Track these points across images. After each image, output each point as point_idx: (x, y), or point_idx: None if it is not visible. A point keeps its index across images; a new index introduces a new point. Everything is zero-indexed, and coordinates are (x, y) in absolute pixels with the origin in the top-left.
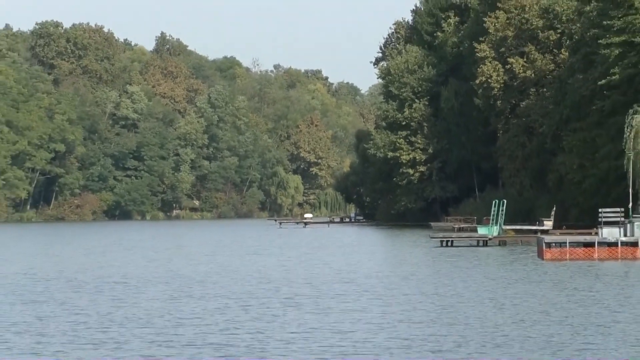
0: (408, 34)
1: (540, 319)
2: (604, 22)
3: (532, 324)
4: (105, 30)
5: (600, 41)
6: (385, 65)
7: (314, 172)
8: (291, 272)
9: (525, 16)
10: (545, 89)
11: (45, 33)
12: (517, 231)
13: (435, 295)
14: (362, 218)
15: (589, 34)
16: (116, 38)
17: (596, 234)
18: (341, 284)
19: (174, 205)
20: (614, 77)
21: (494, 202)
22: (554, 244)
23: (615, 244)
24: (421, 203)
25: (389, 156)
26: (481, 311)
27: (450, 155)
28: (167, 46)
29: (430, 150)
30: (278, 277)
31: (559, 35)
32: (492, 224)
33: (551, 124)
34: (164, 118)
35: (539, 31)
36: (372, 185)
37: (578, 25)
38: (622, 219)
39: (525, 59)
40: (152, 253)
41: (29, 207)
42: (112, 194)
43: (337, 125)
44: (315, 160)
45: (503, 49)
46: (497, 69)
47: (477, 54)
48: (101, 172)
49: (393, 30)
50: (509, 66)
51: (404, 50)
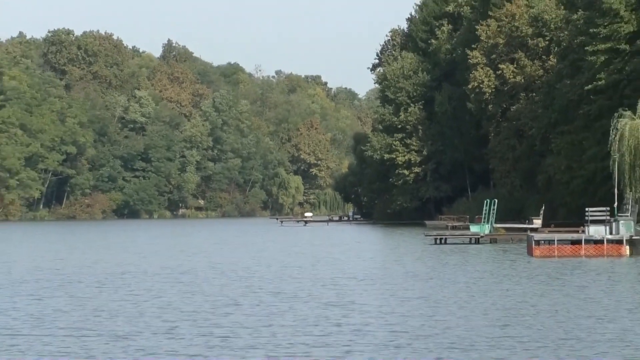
0: (403, 41)
1: (529, 312)
2: (591, 30)
3: (521, 316)
4: (115, 37)
5: (586, 48)
6: (382, 71)
7: (313, 173)
8: (290, 267)
9: (516, 24)
10: (534, 94)
11: (57, 40)
12: (507, 229)
13: (429, 289)
14: (359, 217)
15: (576, 41)
16: (125, 45)
17: (583, 232)
18: (340, 278)
19: (180, 204)
20: (600, 83)
21: (485, 201)
22: (542, 242)
23: (601, 241)
24: (416, 202)
25: (385, 158)
26: (471, 304)
27: (444, 157)
28: (174, 53)
29: (425, 152)
30: (276, 272)
31: (547, 42)
32: (484, 222)
33: (540, 127)
34: (171, 121)
35: (528, 38)
36: (369, 185)
37: (566, 33)
38: (608, 217)
39: (515, 65)
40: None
41: (41, 206)
42: (121, 194)
43: (336, 128)
44: (315, 162)
45: (494, 55)
46: (488, 74)
47: (469, 61)
48: (111, 173)
49: (389, 38)
50: (499, 72)
51: (399, 57)
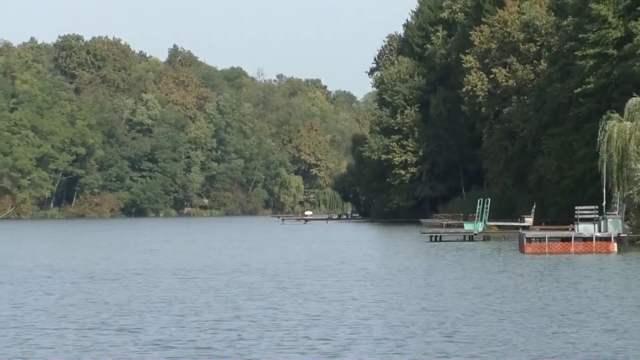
0: (400, 46)
1: (520, 308)
2: (580, 36)
3: (512, 311)
4: (123, 42)
5: (576, 53)
6: (379, 74)
7: (313, 173)
8: (292, 263)
9: (508, 30)
10: (526, 97)
11: (67, 45)
12: (500, 227)
13: (424, 284)
14: (358, 215)
15: (566, 46)
16: (132, 50)
17: (573, 229)
18: (339, 273)
19: (185, 203)
20: (588, 86)
21: (479, 200)
22: (534, 239)
23: (590, 239)
24: (412, 201)
25: (382, 158)
26: (465, 299)
27: (439, 158)
28: (179, 57)
29: (421, 153)
30: (281, 267)
31: (538, 47)
32: (478, 220)
33: (531, 129)
34: (176, 123)
35: (520, 44)
36: (367, 185)
37: (556, 38)
38: (597, 216)
39: (507, 70)
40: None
41: (52, 205)
42: (129, 193)
43: (335, 130)
44: (315, 162)
45: (487, 60)
46: (481, 78)
47: (463, 65)
48: (118, 173)
49: (386, 43)
50: (492, 76)
51: (396, 61)
